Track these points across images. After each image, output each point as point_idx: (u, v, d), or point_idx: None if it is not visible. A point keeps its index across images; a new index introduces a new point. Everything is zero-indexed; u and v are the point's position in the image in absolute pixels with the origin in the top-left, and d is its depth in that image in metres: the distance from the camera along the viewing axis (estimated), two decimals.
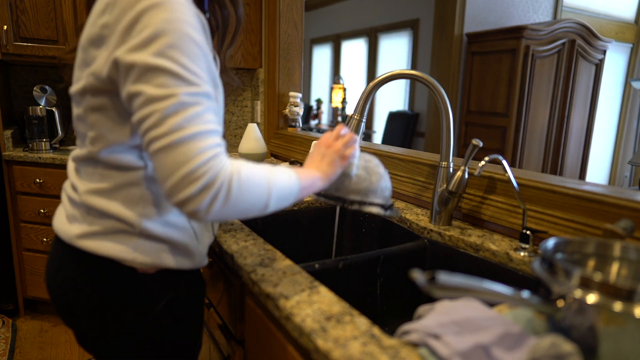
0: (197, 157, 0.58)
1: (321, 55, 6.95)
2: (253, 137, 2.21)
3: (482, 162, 0.97)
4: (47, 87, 2.29)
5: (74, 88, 0.71)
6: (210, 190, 0.58)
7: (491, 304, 0.64)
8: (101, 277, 0.74)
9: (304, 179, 0.75)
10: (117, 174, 0.71)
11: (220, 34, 0.86)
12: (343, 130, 0.87)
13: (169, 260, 0.75)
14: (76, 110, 0.73)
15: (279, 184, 0.69)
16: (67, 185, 0.80)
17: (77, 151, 0.76)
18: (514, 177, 0.95)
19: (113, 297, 0.74)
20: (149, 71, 0.59)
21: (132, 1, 0.60)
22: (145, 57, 0.59)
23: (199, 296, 0.86)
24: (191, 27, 0.62)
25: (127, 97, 0.62)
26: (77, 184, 0.75)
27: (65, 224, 0.76)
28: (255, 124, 2.26)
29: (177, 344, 0.82)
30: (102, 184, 0.72)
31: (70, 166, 0.80)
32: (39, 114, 2.23)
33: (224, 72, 0.84)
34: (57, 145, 2.32)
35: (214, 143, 0.61)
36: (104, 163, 0.71)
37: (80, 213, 0.74)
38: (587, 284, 0.50)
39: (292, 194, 0.72)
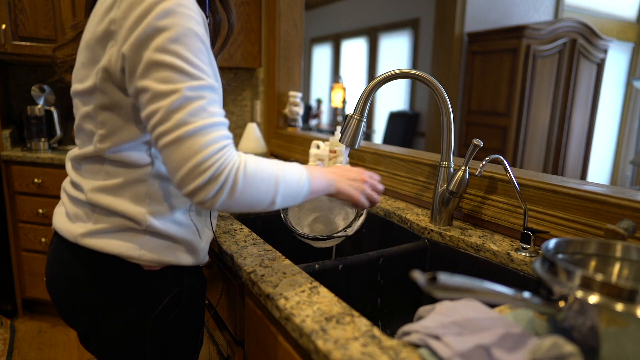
0: (204, 151, 0.59)
1: (321, 55, 6.95)
2: (253, 136, 2.21)
3: (483, 162, 0.96)
4: (45, 87, 2.29)
5: (81, 86, 0.71)
6: (216, 182, 0.60)
7: (492, 305, 0.64)
8: (107, 275, 0.74)
9: (315, 181, 0.74)
10: (124, 171, 0.72)
11: (211, 38, 0.87)
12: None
13: (174, 257, 0.76)
14: (83, 109, 0.72)
15: (288, 182, 0.69)
16: (66, 184, 0.80)
17: (77, 150, 0.76)
18: (515, 177, 0.94)
19: (119, 295, 0.75)
20: (152, 66, 0.60)
21: None
22: (149, 52, 0.60)
23: (200, 293, 0.86)
24: (195, 21, 0.63)
25: (134, 93, 0.63)
26: (80, 182, 0.75)
27: (67, 222, 0.76)
28: (255, 124, 2.26)
29: (180, 341, 0.82)
30: (109, 182, 0.72)
31: (69, 165, 0.79)
32: (38, 114, 2.22)
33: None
34: (55, 145, 2.32)
35: (221, 135, 0.62)
36: (111, 161, 0.72)
37: (84, 211, 0.74)
38: (588, 285, 0.50)
39: (301, 195, 0.72)
